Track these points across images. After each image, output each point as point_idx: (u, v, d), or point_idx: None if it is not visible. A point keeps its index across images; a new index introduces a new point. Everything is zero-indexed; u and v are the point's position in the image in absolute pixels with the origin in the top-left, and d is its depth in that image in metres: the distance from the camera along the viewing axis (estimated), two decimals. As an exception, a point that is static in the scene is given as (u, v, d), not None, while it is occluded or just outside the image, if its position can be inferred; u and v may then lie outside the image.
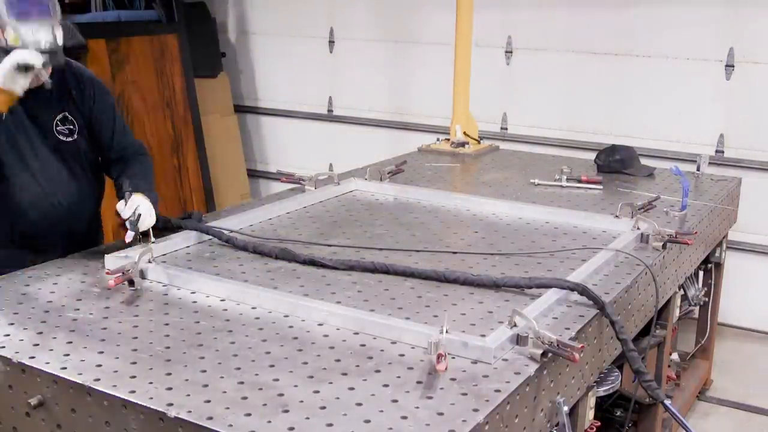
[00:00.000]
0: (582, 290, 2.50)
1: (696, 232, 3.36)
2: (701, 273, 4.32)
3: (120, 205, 2.93)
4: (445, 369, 2.00)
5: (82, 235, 3.16)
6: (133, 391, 1.95)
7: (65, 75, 3.03)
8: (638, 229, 3.17)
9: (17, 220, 2.99)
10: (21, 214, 2.98)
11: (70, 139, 3.04)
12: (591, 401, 2.59)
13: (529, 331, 2.19)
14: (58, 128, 3.01)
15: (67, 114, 3.03)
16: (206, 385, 1.99)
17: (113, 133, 3.18)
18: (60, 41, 2.75)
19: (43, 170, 3.00)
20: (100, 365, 2.09)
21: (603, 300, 2.48)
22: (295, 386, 2.00)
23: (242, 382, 2.01)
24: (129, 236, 2.88)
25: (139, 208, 2.89)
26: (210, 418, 1.84)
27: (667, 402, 2.58)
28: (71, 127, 3.05)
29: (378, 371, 2.09)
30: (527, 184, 4.07)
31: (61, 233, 3.06)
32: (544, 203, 3.70)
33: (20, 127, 2.94)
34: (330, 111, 6.66)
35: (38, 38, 2.68)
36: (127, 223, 2.88)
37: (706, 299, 4.36)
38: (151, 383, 2.00)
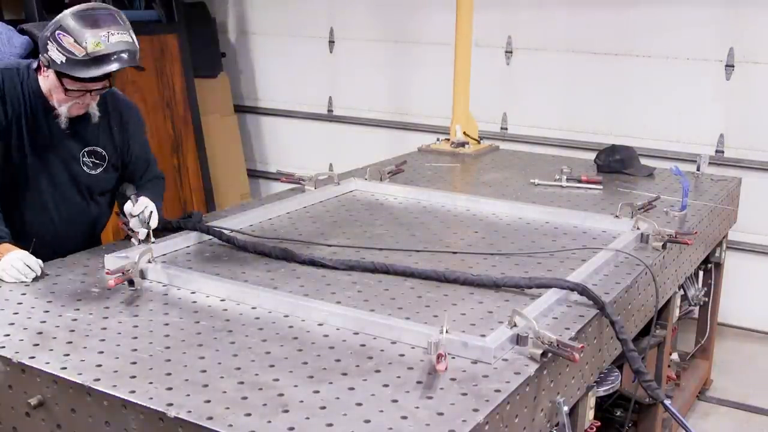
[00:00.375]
0: (582, 290, 2.50)
1: (696, 232, 3.36)
2: (701, 273, 4.31)
3: (128, 206, 2.93)
4: (445, 369, 2.00)
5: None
6: (133, 391, 1.95)
7: (107, 105, 2.98)
8: (638, 229, 3.17)
9: (25, 243, 2.93)
10: (34, 236, 2.92)
11: (94, 172, 3.01)
12: (591, 401, 2.59)
13: (529, 331, 2.19)
14: (84, 159, 2.97)
15: (97, 148, 2.99)
16: (206, 385, 1.99)
17: (145, 171, 3.15)
18: (137, 43, 2.78)
19: (61, 199, 2.99)
20: (100, 365, 2.09)
21: (603, 300, 2.48)
22: (295, 386, 2.00)
23: (242, 382, 2.01)
24: (142, 233, 2.88)
25: (148, 207, 2.90)
26: (210, 418, 1.84)
27: (667, 402, 2.58)
28: (97, 160, 3.01)
29: (378, 371, 2.09)
30: (527, 184, 4.07)
31: (64, 253, 3.03)
32: (544, 203, 3.70)
33: (52, 151, 2.91)
34: (330, 111, 6.66)
35: (123, 39, 2.69)
36: (136, 221, 2.88)
37: (706, 299, 4.36)
38: (151, 383, 2.00)
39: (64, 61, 2.65)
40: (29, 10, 5.23)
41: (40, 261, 2.71)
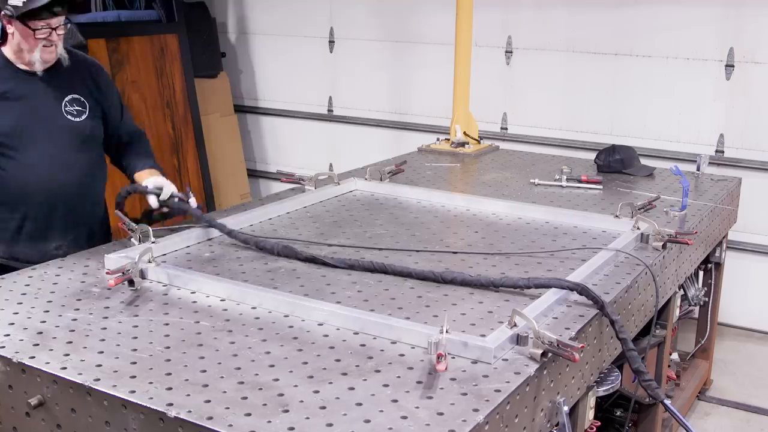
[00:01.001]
0: (582, 290, 2.50)
1: (696, 232, 3.36)
2: (701, 273, 4.32)
3: (153, 200, 3.11)
4: (445, 369, 2.00)
5: (86, 218, 3.21)
6: (133, 391, 1.95)
7: (72, 59, 3.14)
8: (638, 229, 3.17)
9: (23, 203, 3.04)
10: (27, 196, 3.03)
11: (78, 119, 3.12)
12: (591, 401, 2.59)
13: (529, 331, 2.19)
14: (66, 108, 3.09)
15: (76, 95, 3.12)
16: (206, 385, 1.99)
17: (121, 118, 3.32)
18: None
19: (51, 150, 3.06)
20: (100, 365, 2.09)
21: (603, 300, 2.47)
22: (295, 386, 2.00)
23: (242, 382, 2.01)
24: (193, 203, 3.15)
25: (165, 187, 3.11)
26: (210, 418, 1.84)
27: (667, 401, 2.58)
28: (80, 108, 3.12)
29: (378, 371, 2.09)
30: (527, 184, 4.07)
31: (66, 216, 3.10)
32: (544, 203, 3.70)
33: (31, 106, 3.02)
34: (330, 111, 6.66)
35: None
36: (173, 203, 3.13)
37: (706, 299, 4.37)
38: (151, 383, 2.00)
39: (25, 1, 2.84)
40: (29, 10, 5.23)
41: None
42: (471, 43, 4.97)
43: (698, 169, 4.38)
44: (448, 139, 5.00)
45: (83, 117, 3.13)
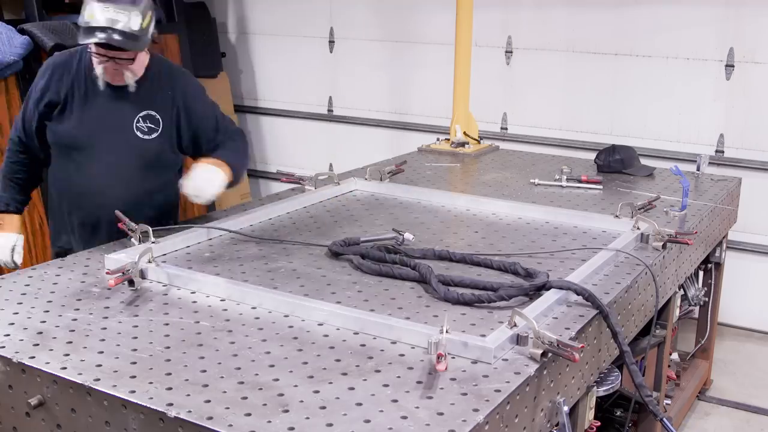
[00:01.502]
0: (588, 296, 2.48)
1: (696, 232, 3.36)
2: (701, 273, 4.32)
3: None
4: (445, 369, 2.00)
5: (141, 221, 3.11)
6: (133, 391, 1.95)
7: (160, 73, 3.09)
8: (638, 229, 3.17)
9: (79, 209, 3.09)
10: (83, 204, 3.07)
11: (148, 137, 3.07)
12: (591, 401, 2.59)
13: (529, 331, 2.19)
14: (138, 125, 3.04)
15: (152, 111, 3.06)
16: (206, 385, 1.99)
17: (216, 131, 3.21)
18: (137, 27, 2.80)
19: (115, 166, 3.05)
20: (100, 365, 2.09)
21: (608, 310, 2.45)
22: (295, 386, 2.00)
23: (242, 382, 2.01)
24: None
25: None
26: (210, 418, 1.84)
27: (666, 420, 2.58)
28: (153, 125, 3.07)
29: (378, 371, 2.09)
30: (527, 184, 4.07)
31: (113, 223, 3.05)
32: (544, 203, 3.70)
33: (106, 118, 3.01)
34: (330, 111, 6.66)
35: (114, 18, 2.76)
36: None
37: (706, 299, 4.37)
38: (151, 383, 2.00)
39: (82, 24, 2.83)
40: (29, 10, 5.23)
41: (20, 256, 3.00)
42: (471, 43, 4.97)
43: (698, 169, 4.38)
44: (448, 139, 5.00)
45: (153, 135, 3.07)
